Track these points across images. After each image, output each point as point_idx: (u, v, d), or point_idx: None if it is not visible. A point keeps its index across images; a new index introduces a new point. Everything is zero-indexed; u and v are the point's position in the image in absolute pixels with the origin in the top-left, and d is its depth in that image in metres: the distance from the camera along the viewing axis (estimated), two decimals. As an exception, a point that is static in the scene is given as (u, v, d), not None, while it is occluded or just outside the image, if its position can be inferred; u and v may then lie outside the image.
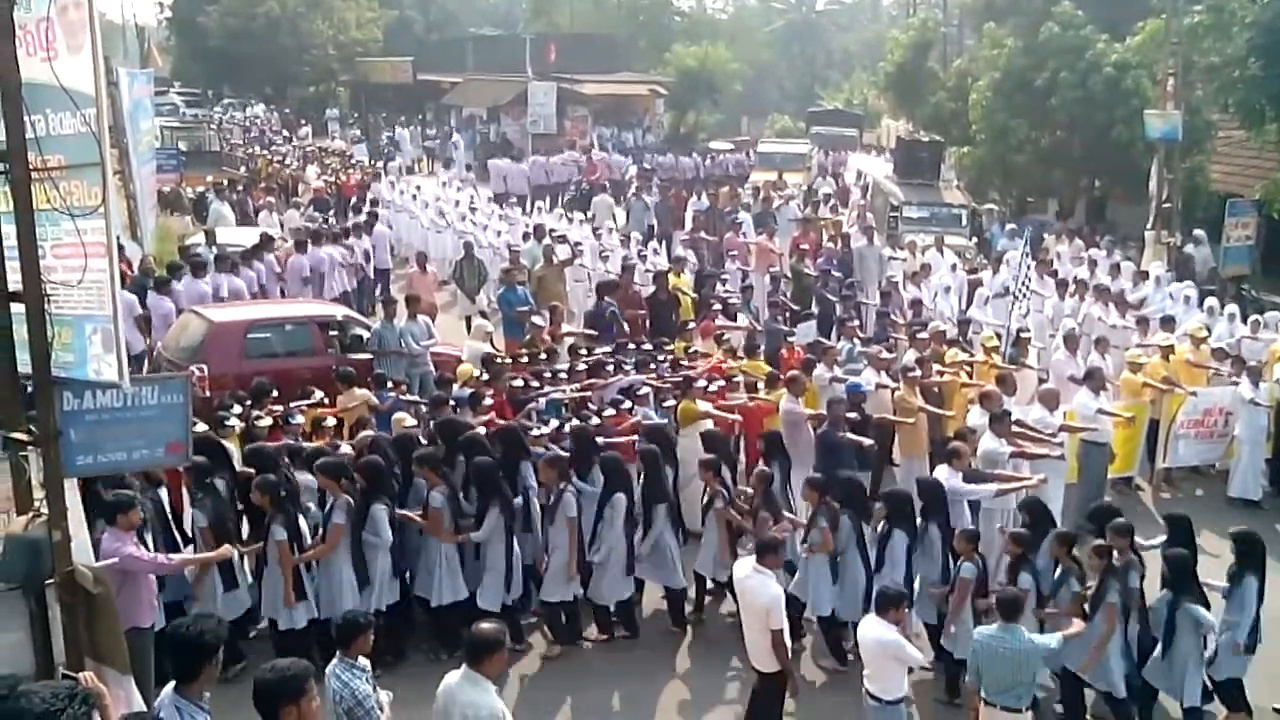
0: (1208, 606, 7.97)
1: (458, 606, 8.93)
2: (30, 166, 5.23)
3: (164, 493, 8.74)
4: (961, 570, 8.35)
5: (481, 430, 9.88)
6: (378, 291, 18.29)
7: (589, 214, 24.36)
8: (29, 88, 5.20)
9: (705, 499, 9.57)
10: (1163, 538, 8.57)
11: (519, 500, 9.36)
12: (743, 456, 11.55)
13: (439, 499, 8.84)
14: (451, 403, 10.84)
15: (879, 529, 8.85)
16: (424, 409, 11.09)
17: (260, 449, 9.25)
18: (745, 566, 7.61)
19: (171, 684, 5.15)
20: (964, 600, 8.31)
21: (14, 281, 5.37)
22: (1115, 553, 8.11)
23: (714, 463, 9.53)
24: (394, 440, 9.70)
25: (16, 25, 5.19)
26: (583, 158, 33.75)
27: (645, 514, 9.44)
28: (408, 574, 9.14)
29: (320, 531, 8.73)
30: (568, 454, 9.62)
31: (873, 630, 7.16)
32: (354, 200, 25.62)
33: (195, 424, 7.81)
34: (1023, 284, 13.98)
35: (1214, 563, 8.96)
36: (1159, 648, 8.04)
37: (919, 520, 8.79)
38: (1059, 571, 8.30)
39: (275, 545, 8.38)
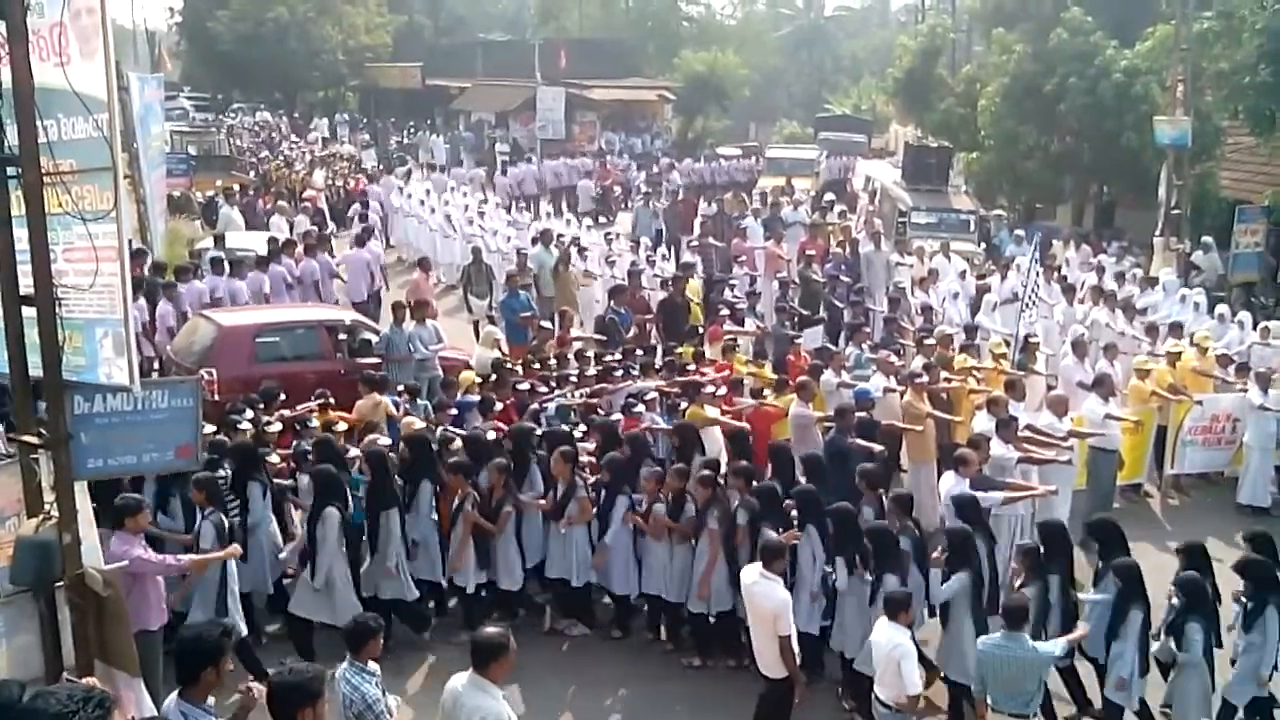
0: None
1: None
2: (42, 171, 5.27)
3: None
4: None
5: (491, 435, 9.88)
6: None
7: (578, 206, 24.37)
8: (42, 92, 5.23)
9: (457, 502, 9.05)
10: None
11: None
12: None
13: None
14: (454, 410, 10.85)
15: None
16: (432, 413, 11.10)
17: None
18: (752, 573, 7.53)
19: (176, 689, 5.16)
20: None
21: (26, 285, 5.40)
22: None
23: (464, 466, 9.10)
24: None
25: (30, 31, 5.22)
26: (595, 163, 33.92)
27: (371, 523, 8.78)
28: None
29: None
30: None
31: (884, 635, 7.11)
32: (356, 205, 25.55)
33: (205, 428, 7.83)
34: (1030, 290, 13.99)
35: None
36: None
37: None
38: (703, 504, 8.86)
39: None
